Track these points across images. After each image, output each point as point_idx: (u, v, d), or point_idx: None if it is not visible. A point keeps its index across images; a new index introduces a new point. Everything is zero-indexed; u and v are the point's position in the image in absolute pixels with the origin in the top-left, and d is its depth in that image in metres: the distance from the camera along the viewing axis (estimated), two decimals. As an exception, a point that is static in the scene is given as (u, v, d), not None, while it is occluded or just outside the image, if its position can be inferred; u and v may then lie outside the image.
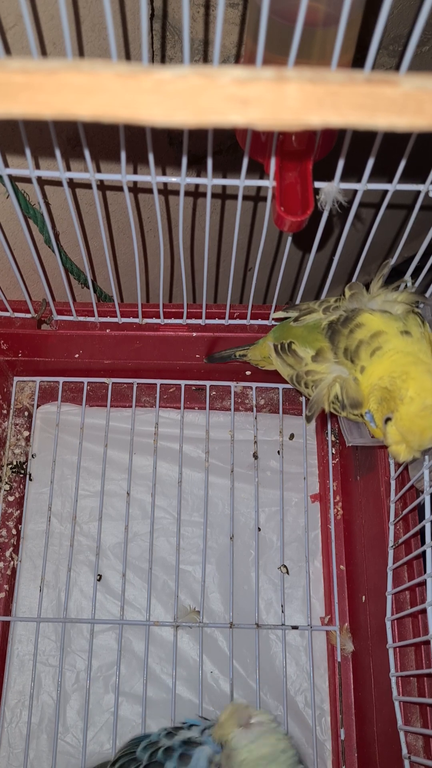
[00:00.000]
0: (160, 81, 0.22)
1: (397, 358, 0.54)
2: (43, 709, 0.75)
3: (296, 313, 0.64)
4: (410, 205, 0.58)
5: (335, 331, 0.58)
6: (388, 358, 0.54)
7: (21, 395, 0.88)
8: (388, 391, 0.53)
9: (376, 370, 0.55)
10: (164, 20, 0.64)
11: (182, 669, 0.77)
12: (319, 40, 0.48)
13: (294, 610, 0.80)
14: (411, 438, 0.52)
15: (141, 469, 0.85)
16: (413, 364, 0.53)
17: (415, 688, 0.62)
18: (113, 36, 0.39)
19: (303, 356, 0.61)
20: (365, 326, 0.56)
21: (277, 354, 0.65)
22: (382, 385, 0.54)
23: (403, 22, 0.73)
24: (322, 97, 0.22)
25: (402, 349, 0.54)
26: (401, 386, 0.52)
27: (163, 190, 0.82)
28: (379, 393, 0.54)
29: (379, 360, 0.55)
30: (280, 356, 0.64)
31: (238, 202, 0.56)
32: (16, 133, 0.58)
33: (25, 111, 0.22)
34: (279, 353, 0.65)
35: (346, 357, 0.57)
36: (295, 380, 0.63)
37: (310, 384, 0.60)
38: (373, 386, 0.55)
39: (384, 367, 0.54)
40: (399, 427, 0.53)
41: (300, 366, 0.61)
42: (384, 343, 0.55)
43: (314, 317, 0.62)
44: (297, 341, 0.62)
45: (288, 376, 0.64)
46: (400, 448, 0.54)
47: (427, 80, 0.22)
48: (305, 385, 0.61)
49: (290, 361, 0.63)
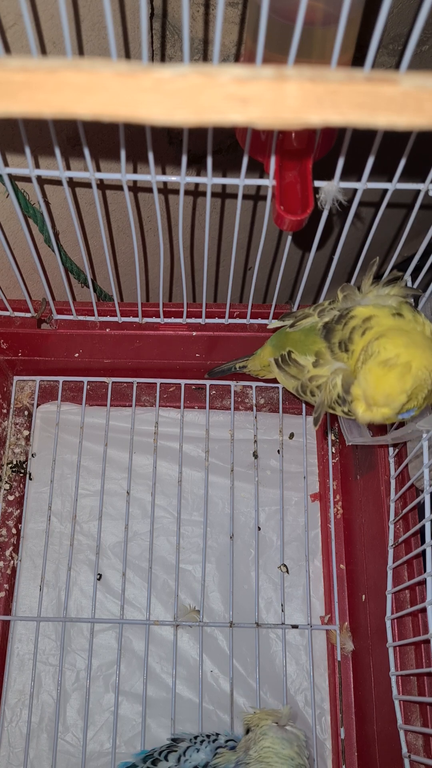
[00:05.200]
0: (159, 80, 0.22)
1: (380, 329, 0.54)
2: (43, 709, 0.75)
3: (292, 320, 0.64)
4: (410, 204, 0.58)
5: (330, 329, 0.58)
6: (374, 332, 0.54)
7: (21, 394, 0.88)
8: (365, 354, 0.53)
9: (362, 343, 0.55)
10: (164, 19, 0.64)
11: (182, 668, 0.77)
12: (319, 39, 0.48)
13: (294, 609, 0.80)
14: (368, 393, 0.51)
15: (141, 468, 0.85)
16: (391, 329, 0.53)
17: (415, 687, 0.62)
18: (113, 35, 0.39)
19: (304, 364, 0.61)
20: (357, 316, 0.56)
21: (280, 368, 0.64)
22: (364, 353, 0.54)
23: (403, 21, 0.73)
24: (322, 96, 0.22)
25: (390, 324, 0.54)
26: (373, 346, 0.52)
27: (163, 189, 0.82)
28: (360, 359, 0.54)
29: (366, 336, 0.55)
30: (283, 369, 0.64)
31: (238, 201, 0.56)
32: (15, 132, 0.58)
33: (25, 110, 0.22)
34: (281, 366, 0.64)
35: (341, 349, 0.57)
36: (301, 391, 0.62)
37: (315, 391, 0.60)
38: (357, 359, 0.55)
39: (367, 338, 0.54)
40: (360, 382, 0.52)
41: (303, 375, 0.61)
42: (375, 324, 0.55)
43: (309, 321, 0.62)
44: (296, 349, 0.62)
45: (293, 388, 0.64)
46: (359, 405, 0.53)
47: (426, 79, 0.22)
48: (311, 393, 0.61)
49: (293, 372, 0.62)
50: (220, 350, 0.79)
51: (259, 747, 0.55)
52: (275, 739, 0.56)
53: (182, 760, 0.59)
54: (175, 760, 0.60)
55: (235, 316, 0.76)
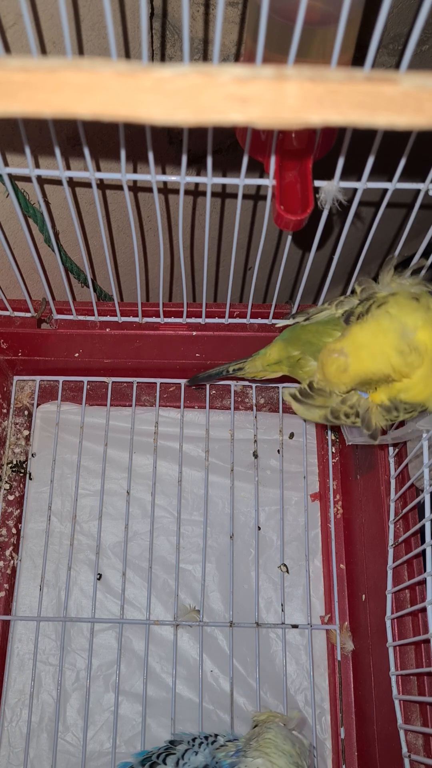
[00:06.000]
0: (159, 79, 0.22)
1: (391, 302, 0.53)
2: (43, 708, 0.75)
3: (305, 316, 0.62)
4: (410, 203, 0.58)
5: (351, 314, 0.56)
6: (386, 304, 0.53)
7: (21, 394, 0.88)
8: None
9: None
10: (164, 19, 0.64)
11: (182, 668, 0.77)
12: (319, 38, 0.48)
13: (294, 608, 0.80)
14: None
15: (141, 468, 0.85)
16: (395, 298, 0.53)
17: (415, 686, 0.62)
18: (113, 35, 0.39)
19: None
20: (378, 298, 0.54)
21: (300, 402, 0.60)
22: None
23: (403, 20, 0.73)
24: (322, 96, 0.22)
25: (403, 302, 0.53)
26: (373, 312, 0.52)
27: (163, 189, 0.82)
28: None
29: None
30: (305, 402, 0.60)
31: (238, 201, 0.56)
32: (15, 132, 0.58)
33: (25, 109, 0.22)
34: (302, 400, 0.60)
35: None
36: (332, 417, 0.59)
37: (350, 413, 0.57)
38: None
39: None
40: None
41: (332, 400, 0.57)
42: (392, 301, 0.53)
43: (326, 313, 0.60)
44: (313, 340, 0.60)
45: (321, 417, 0.60)
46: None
47: (426, 79, 0.22)
48: (345, 416, 0.57)
49: (319, 402, 0.59)
50: (220, 350, 0.79)
51: (261, 738, 0.56)
52: (278, 734, 0.56)
53: (181, 763, 0.59)
54: (173, 763, 0.59)
55: (235, 316, 0.76)
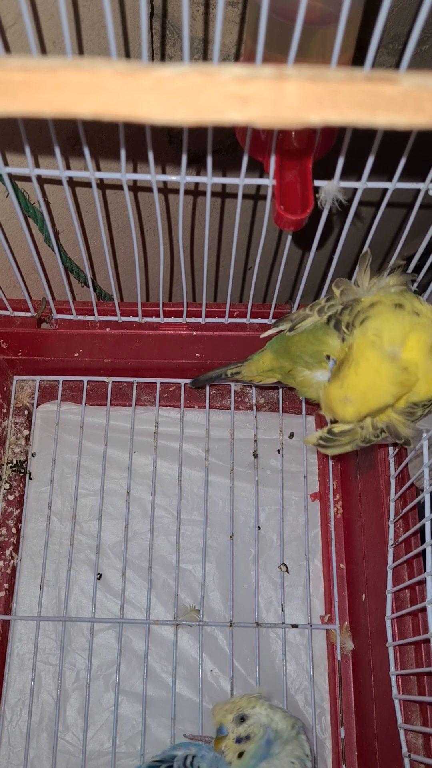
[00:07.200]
0: (159, 79, 0.22)
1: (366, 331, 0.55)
2: (43, 708, 0.75)
3: (289, 324, 0.63)
4: (410, 203, 0.58)
5: (338, 320, 0.57)
6: (364, 326, 0.55)
7: (21, 394, 0.88)
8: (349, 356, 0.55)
9: (357, 331, 0.56)
10: (164, 19, 0.64)
11: (182, 668, 0.77)
12: (319, 38, 0.48)
13: (294, 608, 0.80)
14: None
15: (141, 467, 0.85)
16: (377, 309, 0.54)
17: (415, 686, 0.62)
18: (113, 34, 0.39)
19: (321, 379, 0.60)
20: (364, 302, 0.56)
21: (326, 447, 0.61)
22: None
23: (403, 20, 0.73)
24: (322, 96, 0.22)
25: (380, 325, 0.54)
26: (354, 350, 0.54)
27: (163, 188, 0.82)
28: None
29: (364, 324, 0.55)
30: (330, 447, 0.61)
31: (238, 201, 0.56)
32: (15, 132, 0.58)
33: (25, 109, 0.22)
34: (327, 445, 0.61)
35: (349, 330, 0.56)
36: (363, 443, 0.59)
37: (378, 434, 0.58)
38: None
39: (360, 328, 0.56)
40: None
41: (360, 433, 0.58)
42: (374, 313, 0.55)
43: (310, 321, 0.61)
44: (305, 352, 0.61)
45: (352, 448, 0.61)
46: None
47: (426, 78, 0.22)
48: (375, 437, 0.58)
49: (345, 440, 0.60)
50: (220, 350, 0.79)
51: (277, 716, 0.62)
52: (269, 707, 0.63)
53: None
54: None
55: (235, 316, 0.76)
